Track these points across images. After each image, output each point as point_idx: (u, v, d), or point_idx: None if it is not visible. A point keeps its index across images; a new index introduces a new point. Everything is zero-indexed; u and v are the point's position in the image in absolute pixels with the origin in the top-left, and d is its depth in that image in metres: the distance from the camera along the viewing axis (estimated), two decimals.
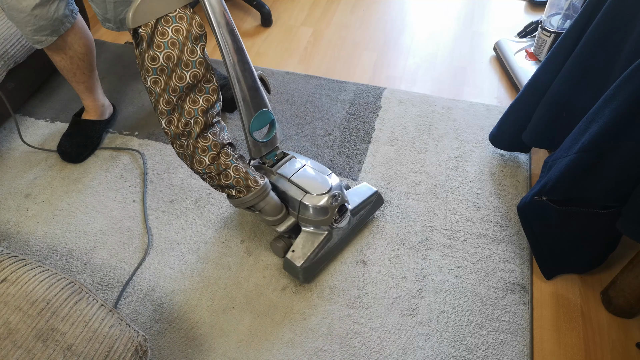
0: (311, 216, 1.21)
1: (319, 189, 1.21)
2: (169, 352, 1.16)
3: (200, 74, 1.03)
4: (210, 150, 1.11)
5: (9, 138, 1.64)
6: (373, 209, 1.37)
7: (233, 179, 1.15)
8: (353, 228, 1.32)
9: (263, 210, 1.21)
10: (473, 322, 1.20)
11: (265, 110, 1.16)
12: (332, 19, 2.13)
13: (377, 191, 1.36)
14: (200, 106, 1.07)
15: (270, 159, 1.27)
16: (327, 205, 1.20)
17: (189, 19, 0.98)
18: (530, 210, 1.23)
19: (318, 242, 1.23)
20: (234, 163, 1.14)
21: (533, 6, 2.15)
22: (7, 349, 0.75)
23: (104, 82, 1.83)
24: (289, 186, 1.23)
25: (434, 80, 1.83)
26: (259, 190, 1.17)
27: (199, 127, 1.08)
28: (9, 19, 1.28)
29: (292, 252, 1.22)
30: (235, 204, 1.21)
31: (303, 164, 1.27)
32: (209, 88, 1.07)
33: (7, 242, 1.37)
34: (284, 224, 1.25)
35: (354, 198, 1.31)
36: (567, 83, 1.22)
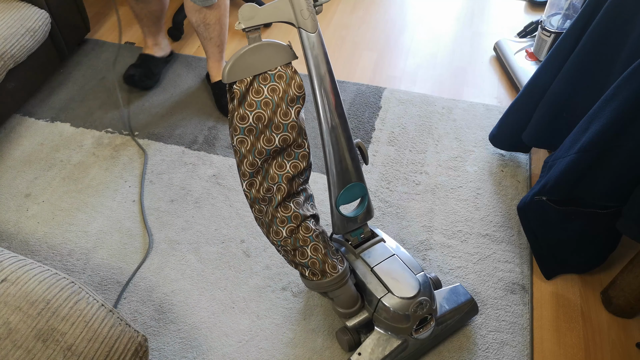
0: (389, 320, 1.03)
1: (405, 291, 1.02)
2: (169, 352, 1.16)
3: (291, 138, 0.93)
4: (289, 222, 0.98)
5: (9, 138, 1.64)
6: (464, 318, 1.16)
7: (309, 259, 1.00)
8: (436, 338, 1.13)
9: (336, 299, 1.07)
10: (473, 322, 1.19)
11: (357, 183, 1.02)
12: (332, 19, 2.13)
13: (473, 298, 1.16)
14: (287, 172, 0.96)
15: (355, 237, 1.10)
16: (410, 313, 1.01)
17: (289, 78, 0.90)
18: (530, 210, 1.23)
19: (390, 350, 1.05)
20: (313, 241, 1.00)
21: (533, 6, 2.15)
22: (7, 349, 0.75)
23: (104, 82, 1.83)
24: (370, 277, 1.06)
25: (434, 80, 1.83)
26: (336, 277, 1.02)
27: (281, 194, 0.97)
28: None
29: (358, 355, 1.05)
30: (309, 285, 1.06)
31: (392, 253, 1.09)
32: (299, 154, 0.96)
33: (7, 242, 1.37)
34: (356, 319, 1.08)
35: (443, 303, 1.12)
36: (567, 83, 1.22)
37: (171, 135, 1.64)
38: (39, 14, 1.61)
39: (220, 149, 1.59)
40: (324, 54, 0.91)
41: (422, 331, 1.05)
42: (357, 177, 1.01)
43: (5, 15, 1.52)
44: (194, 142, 1.62)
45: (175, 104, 1.75)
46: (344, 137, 0.96)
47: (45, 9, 1.64)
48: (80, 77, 1.85)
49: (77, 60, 1.92)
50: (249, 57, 0.87)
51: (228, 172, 1.52)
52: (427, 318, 1.05)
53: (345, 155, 0.98)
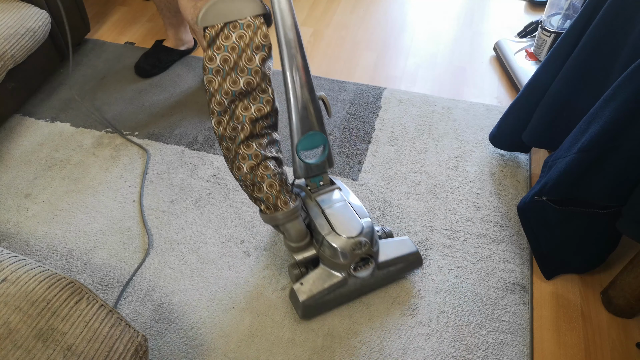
0: (329, 255, 1.15)
1: (347, 231, 1.13)
2: (169, 352, 1.16)
3: (255, 82, 1.04)
4: (250, 159, 1.10)
5: (9, 138, 1.64)
6: (407, 268, 1.26)
7: (265, 194, 1.12)
8: (376, 282, 1.22)
9: (287, 233, 1.18)
10: (473, 322, 1.20)
11: (317, 132, 1.12)
12: (332, 19, 2.13)
13: (418, 251, 1.25)
14: (251, 114, 1.06)
15: (314, 183, 1.22)
16: (348, 251, 1.12)
17: (256, 28, 1.00)
18: (530, 210, 1.23)
19: (330, 284, 1.16)
20: (269, 178, 1.11)
21: (533, 6, 2.15)
22: (7, 349, 0.75)
23: (104, 82, 1.83)
24: (320, 218, 1.17)
25: (434, 80, 1.83)
26: (286, 212, 1.14)
27: (244, 134, 1.07)
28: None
29: (300, 285, 1.17)
30: (264, 219, 1.18)
31: (344, 199, 1.20)
32: (264, 99, 1.07)
33: (7, 242, 1.37)
34: (303, 254, 1.20)
35: (388, 251, 1.21)
36: (567, 83, 1.22)
37: (171, 135, 1.64)
38: (39, 14, 1.61)
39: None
40: (289, 8, 1.02)
41: (361, 270, 1.16)
42: (319, 126, 1.12)
43: (5, 15, 1.52)
44: (194, 142, 1.62)
45: (175, 104, 1.75)
46: (307, 88, 1.08)
47: (45, 9, 1.65)
48: (80, 77, 1.86)
49: (77, 60, 1.92)
50: (222, 5, 0.96)
51: (228, 172, 1.52)
52: (368, 260, 1.16)
53: (307, 105, 1.09)
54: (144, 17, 2.15)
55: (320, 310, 1.20)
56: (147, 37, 2.04)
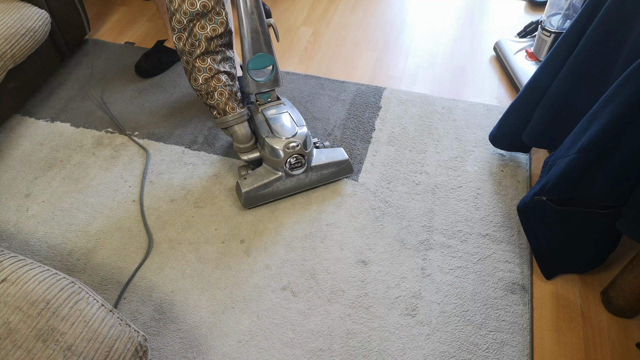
0: (267, 154, 1.35)
1: (283, 133, 1.34)
2: (169, 352, 1.16)
3: (210, 5, 1.22)
4: (204, 72, 1.30)
5: (9, 138, 1.64)
6: (338, 173, 1.45)
7: (215, 101, 1.34)
8: (311, 182, 1.43)
9: (234, 136, 1.39)
10: (473, 322, 1.20)
11: (265, 54, 1.31)
12: (332, 19, 2.13)
13: (348, 160, 1.45)
14: (206, 33, 1.26)
15: (262, 99, 1.42)
16: (282, 149, 1.32)
17: None
18: (530, 210, 1.23)
19: (269, 180, 1.37)
20: (220, 88, 1.32)
21: (533, 6, 2.15)
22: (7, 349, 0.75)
23: (103, 82, 1.83)
24: (264, 125, 1.38)
25: (434, 80, 1.83)
26: (233, 115, 1.36)
27: (200, 50, 1.28)
28: None
29: (244, 179, 1.38)
30: (216, 123, 1.40)
31: (285, 110, 1.41)
32: (218, 20, 1.26)
33: (7, 242, 1.37)
34: (248, 154, 1.41)
35: (321, 157, 1.42)
36: (567, 83, 1.22)
37: (171, 135, 1.64)
38: (39, 14, 1.61)
39: (220, 149, 1.59)
40: None
41: (295, 169, 1.37)
42: (267, 49, 1.31)
43: (5, 15, 1.52)
44: (194, 142, 1.62)
45: (175, 104, 1.75)
46: (256, 13, 1.26)
47: (45, 9, 1.65)
48: (80, 77, 1.86)
49: (77, 60, 1.92)
50: None
51: (228, 172, 1.52)
52: (301, 160, 1.35)
53: (257, 28, 1.27)
54: (144, 17, 2.15)
55: (259, 200, 1.40)
56: (147, 37, 2.04)
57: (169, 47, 1.87)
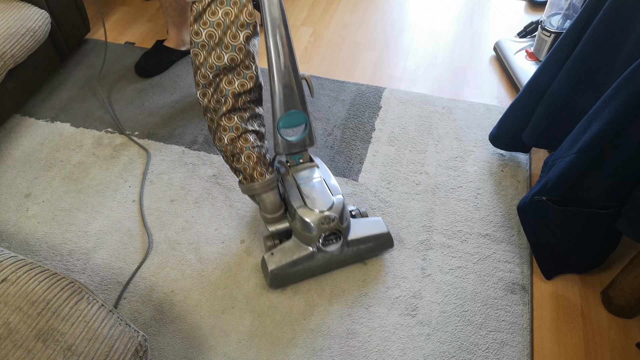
0: (299, 227, 1.19)
1: (318, 205, 1.18)
2: (169, 352, 1.16)
3: (239, 59, 1.09)
4: (230, 131, 1.16)
5: (9, 138, 1.64)
6: (377, 248, 1.28)
7: (242, 165, 1.18)
8: (346, 258, 1.25)
9: (262, 204, 1.23)
10: (473, 322, 1.20)
11: (298, 111, 1.16)
12: (332, 19, 2.13)
13: (389, 232, 1.27)
14: (234, 89, 1.12)
15: (294, 160, 1.26)
16: (316, 224, 1.16)
17: (242, 5, 1.03)
18: (530, 210, 1.23)
19: (298, 256, 1.20)
20: (248, 150, 1.17)
21: (533, 6, 2.15)
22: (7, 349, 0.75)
23: (103, 82, 1.83)
24: (295, 192, 1.21)
25: (434, 80, 1.83)
26: (262, 183, 1.20)
27: (226, 107, 1.13)
28: None
29: (270, 254, 1.21)
30: (242, 189, 1.24)
31: (319, 176, 1.24)
32: (247, 74, 1.12)
33: (7, 242, 1.37)
34: (276, 225, 1.25)
35: (359, 229, 1.24)
36: (567, 83, 1.22)
37: (171, 135, 1.64)
38: (39, 14, 1.61)
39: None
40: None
41: (329, 245, 1.21)
42: (301, 105, 1.16)
43: (5, 15, 1.52)
44: (194, 142, 1.62)
45: (175, 103, 1.75)
46: (290, 67, 1.11)
47: (45, 9, 1.65)
48: (80, 77, 1.86)
49: (77, 60, 1.92)
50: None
51: (228, 172, 1.52)
52: (337, 235, 1.20)
53: (290, 83, 1.13)
54: (144, 17, 2.15)
55: (288, 280, 1.24)
56: (147, 37, 2.04)
57: (168, 46, 1.87)
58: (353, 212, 1.32)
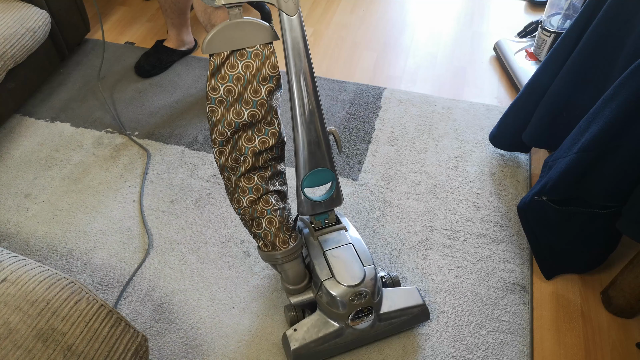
0: (327, 303, 1.06)
1: (347, 278, 1.05)
2: (169, 352, 1.16)
3: (260, 115, 0.97)
4: (250, 193, 1.03)
5: (9, 138, 1.64)
6: (412, 322, 1.16)
7: (263, 231, 1.05)
8: (377, 334, 1.13)
9: (284, 274, 1.11)
10: (473, 322, 1.20)
11: (324, 169, 1.04)
12: (332, 19, 2.13)
13: (425, 304, 1.14)
14: (254, 146, 1.00)
15: (319, 221, 1.13)
16: (347, 300, 1.04)
17: (265, 57, 0.93)
18: (530, 210, 1.23)
19: (324, 334, 1.07)
20: (270, 214, 1.04)
21: (533, 6, 2.15)
22: (7, 349, 0.75)
23: (104, 82, 1.83)
24: (321, 260, 1.09)
25: (434, 80, 1.83)
26: (284, 252, 1.07)
27: (245, 166, 1.01)
28: None
29: (293, 330, 1.09)
30: (262, 256, 1.11)
31: (348, 241, 1.11)
32: (269, 131, 1.00)
33: (7, 242, 1.37)
34: (299, 297, 1.12)
35: (392, 302, 1.12)
36: (567, 83, 1.22)
37: (171, 135, 1.64)
38: (39, 14, 1.61)
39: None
40: (302, 37, 0.92)
41: (359, 322, 1.08)
42: (325, 163, 1.03)
43: (5, 15, 1.52)
44: (194, 142, 1.62)
45: (175, 104, 1.75)
46: (318, 121, 0.99)
47: (45, 9, 1.65)
48: (80, 77, 1.86)
49: (77, 60, 1.92)
50: (229, 32, 0.89)
51: None
52: (368, 310, 1.07)
53: (317, 139, 1.00)
54: (144, 17, 2.15)
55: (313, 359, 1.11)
56: (147, 37, 2.04)
57: (168, 46, 1.87)
58: (384, 278, 1.19)
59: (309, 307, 1.14)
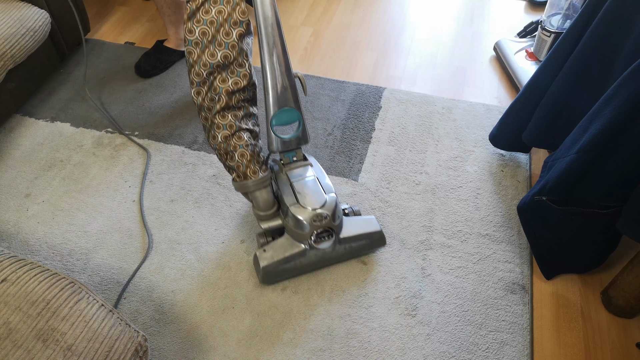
0: (291, 225, 1.20)
1: (310, 203, 1.19)
2: (169, 352, 1.16)
3: (232, 56, 1.11)
4: (224, 129, 1.16)
5: (9, 138, 1.64)
6: (370, 246, 1.30)
7: (236, 163, 1.19)
8: (338, 256, 1.26)
9: (255, 202, 1.25)
10: (473, 322, 1.20)
11: (291, 108, 1.17)
12: (332, 19, 2.13)
13: (381, 231, 1.28)
14: (227, 87, 1.13)
15: (287, 157, 1.27)
16: (308, 222, 1.17)
17: (235, 4, 1.06)
18: (530, 210, 1.23)
19: (290, 253, 1.21)
20: (242, 148, 1.18)
21: (533, 6, 2.15)
22: (7, 349, 0.75)
23: (103, 82, 1.83)
24: (288, 190, 1.22)
25: (434, 80, 1.83)
26: (255, 181, 1.21)
27: (220, 105, 1.14)
28: None
29: (263, 251, 1.22)
30: (235, 187, 1.25)
31: (313, 175, 1.25)
32: (241, 72, 1.14)
33: (7, 242, 1.37)
34: (268, 223, 1.26)
35: (351, 227, 1.26)
36: (567, 83, 1.22)
37: (171, 135, 1.64)
38: (39, 14, 1.61)
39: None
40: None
41: (321, 242, 1.21)
42: (294, 103, 1.17)
43: (5, 15, 1.52)
44: (194, 142, 1.62)
45: (175, 103, 1.75)
46: (283, 65, 1.12)
47: (45, 9, 1.65)
48: (80, 77, 1.86)
49: (77, 60, 1.92)
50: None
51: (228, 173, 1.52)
52: (329, 233, 1.21)
53: (283, 81, 1.14)
54: (144, 17, 2.15)
55: (280, 277, 1.25)
56: (147, 37, 2.04)
57: (168, 46, 1.87)
58: (346, 210, 1.33)
59: (278, 234, 1.27)
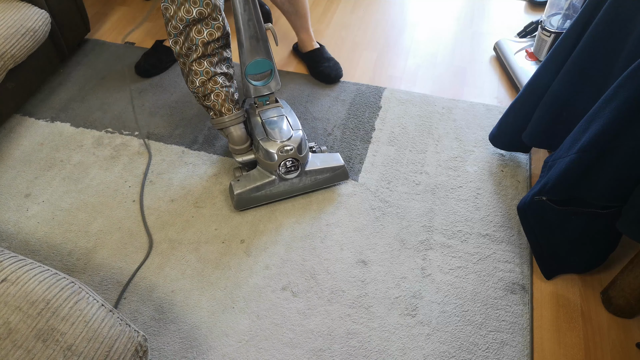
0: (261, 157, 1.35)
1: (278, 136, 1.34)
2: (169, 352, 1.16)
3: (206, 12, 1.23)
4: (201, 75, 1.31)
5: (9, 138, 1.64)
6: (333, 179, 1.44)
7: (212, 102, 1.35)
8: (304, 186, 1.42)
9: (230, 137, 1.39)
10: (473, 322, 1.20)
11: (263, 59, 1.32)
12: (332, 19, 2.13)
13: (344, 166, 1.43)
14: (203, 38, 1.27)
15: (261, 102, 1.43)
16: (276, 153, 1.32)
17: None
18: (530, 210, 1.23)
19: (261, 182, 1.37)
20: (217, 90, 1.33)
21: (533, 6, 2.15)
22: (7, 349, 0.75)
23: (103, 82, 1.83)
24: (259, 127, 1.38)
25: (434, 80, 1.83)
26: (229, 117, 1.37)
27: (196, 53, 1.29)
28: None
29: (237, 181, 1.38)
30: (212, 123, 1.42)
31: (282, 114, 1.40)
32: (215, 25, 1.27)
33: (7, 242, 1.37)
34: (243, 156, 1.41)
35: (317, 161, 1.41)
36: (567, 83, 1.22)
37: (171, 135, 1.64)
38: (39, 14, 1.61)
39: (221, 149, 1.59)
40: None
41: (289, 173, 1.37)
42: (266, 54, 1.32)
43: (5, 15, 1.52)
44: (194, 142, 1.62)
45: (175, 103, 1.75)
46: (255, 19, 1.25)
47: (45, 9, 1.65)
48: (80, 77, 1.86)
49: (77, 60, 1.92)
50: None
51: (228, 172, 1.52)
52: (296, 165, 1.35)
53: (255, 34, 1.27)
54: (144, 17, 2.15)
55: (251, 203, 1.40)
56: (147, 37, 2.04)
57: (168, 46, 1.87)
58: (314, 147, 1.50)
59: (252, 168, 1.42)
